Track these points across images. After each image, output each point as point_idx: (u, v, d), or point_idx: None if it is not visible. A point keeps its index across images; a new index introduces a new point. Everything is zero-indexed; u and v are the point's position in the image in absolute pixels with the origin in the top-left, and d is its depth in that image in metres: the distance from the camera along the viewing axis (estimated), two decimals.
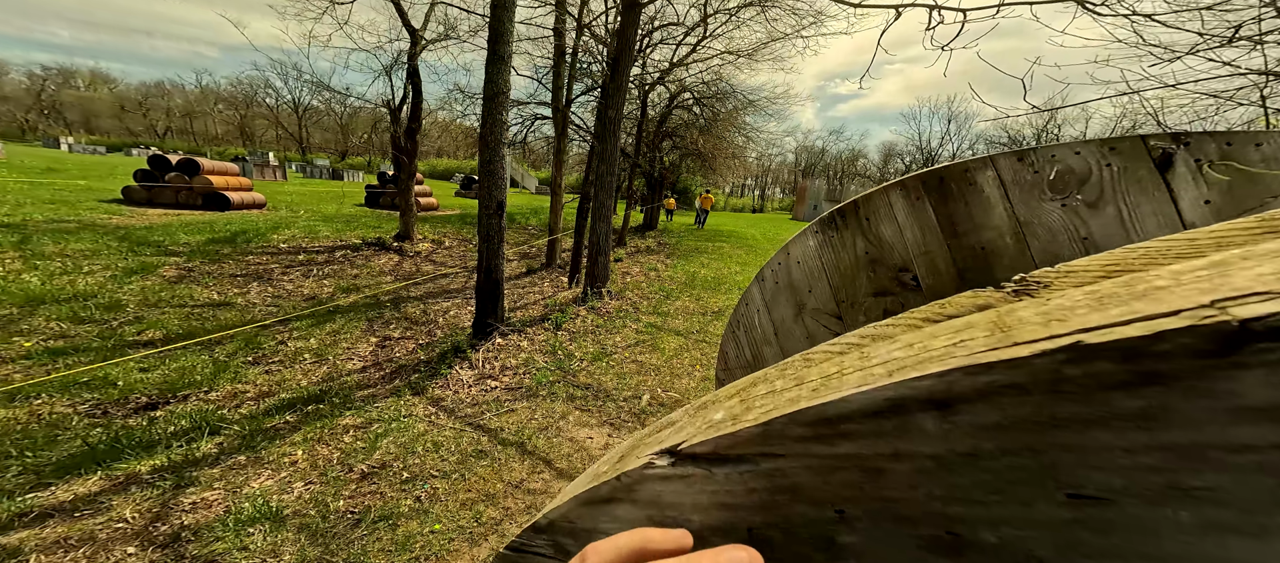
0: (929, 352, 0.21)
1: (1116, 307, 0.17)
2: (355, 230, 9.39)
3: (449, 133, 29.54)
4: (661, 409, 3.79)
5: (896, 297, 0.74)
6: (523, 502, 2.57)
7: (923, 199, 0.70)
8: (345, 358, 4.35)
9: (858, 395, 0.21)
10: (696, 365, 4.73)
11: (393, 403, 3.58)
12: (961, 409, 0.19)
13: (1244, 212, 0.54)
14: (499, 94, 4.33)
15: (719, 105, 10.86)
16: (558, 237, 8.55)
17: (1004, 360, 0.17)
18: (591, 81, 8.85)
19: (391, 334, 5.01)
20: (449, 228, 11.00)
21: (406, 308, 5.77)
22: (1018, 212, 0.64)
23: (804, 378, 0.27)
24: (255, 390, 3.61)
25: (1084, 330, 0.16)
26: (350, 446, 2.99)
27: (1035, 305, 0.21)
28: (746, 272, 9.55)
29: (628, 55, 5.68)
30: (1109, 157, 0.59)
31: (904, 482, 0.22)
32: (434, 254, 8.68)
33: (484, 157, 4.48)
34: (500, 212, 4.58)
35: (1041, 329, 0.18)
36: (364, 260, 7.46)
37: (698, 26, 8.18)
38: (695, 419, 0.30)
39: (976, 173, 0.66)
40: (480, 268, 4.73)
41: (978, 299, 0.29)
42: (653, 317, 6.26)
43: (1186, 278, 0.18)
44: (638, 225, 15.15)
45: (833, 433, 0.22)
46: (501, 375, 4.28)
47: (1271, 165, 0.51)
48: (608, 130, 5.92)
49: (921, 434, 0.20)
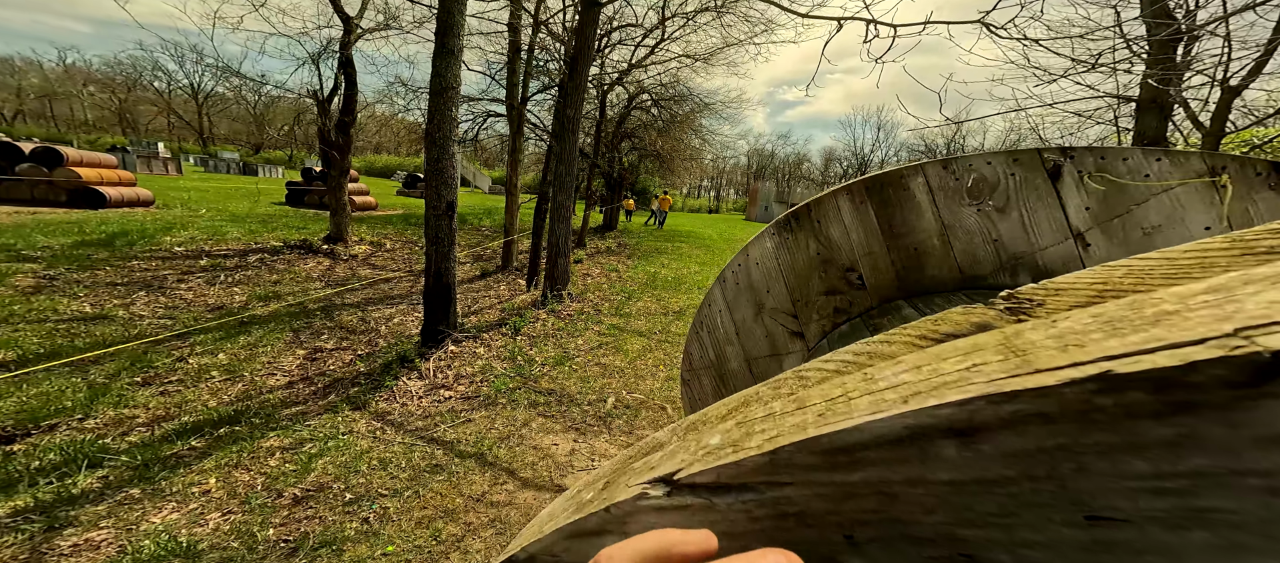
0: (942, 376, 0.21)
1: (1134, 333, 0.17)
2: (274, 231, 8.33)
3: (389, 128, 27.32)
4: (627, 411, 3.78)
5: (845, 295, 0.79)
6: (485, 515, 2.41)
7: (865, 203, 0.75)
8: (265, 373, 3.83)
9: (873, 423, 0.21)
10: (660, 366, 4.78)
11: (328, 420, 3.20)
12: (984, 437, 0.19)
13: (1114, 217, 0.63)
14: (448, 89, 4.08)
15: (677, 107, 11.16)
16: (514, 238, 8.22)
17: (1030, 389, 0.17)
18: (548, 80, 8.67)
19: (323, 345, 4.50)
20: (391, 229, 10.14)
21: (341, 316, 5.21)
22: (943, 216, 0.71)
23: (805, 400, 0.26)
24: (148, 415, 3.05)
25: (1109, 358, 0.16)
26: (277, 469, 2.62)
27: (1043, 328, 0.21)
28: (705, 271, 9.85)
29: (586, 55, 5.63)
30: (1013, 167, 0.67)
31: (918, 506, 0.22)
32: (373, 257, 7.95)
33: (431, 154, 4.19)
34: (450, 212, 4.31)
35: (1060, 355, 0.18)
36: (286, 265, 6.63)
37: (656, 29, 8.34)
38: (687, 443, 0.29)
39: (910, 179, 0.72)
40: (429, 272, 4.41)
41: (972, 317, 0.28)
42: (615, 318, 6.23)
43: (1194, 303, 0.18)
44: (597, 226, 15.05)
45: (847, 461, 0.22)
46: (456, 385, 4.01)
47: (1135, 178, 0.61)
48: (566, 129, 5.82)
49: (940, 461, 0.20)
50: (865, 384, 0.24)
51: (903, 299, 0.76)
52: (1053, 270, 0.68)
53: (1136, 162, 0.61)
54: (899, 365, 0.24)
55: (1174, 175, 0.59)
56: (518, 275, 7.97)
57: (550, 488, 2.71)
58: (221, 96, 43.77)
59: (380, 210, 13.62)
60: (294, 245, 7.46)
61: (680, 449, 0.29)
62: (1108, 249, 0.64)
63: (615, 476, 0.32)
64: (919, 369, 0.23)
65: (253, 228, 8.42)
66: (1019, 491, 0.19)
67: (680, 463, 0.27)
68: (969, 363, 0.21)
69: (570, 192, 6.11)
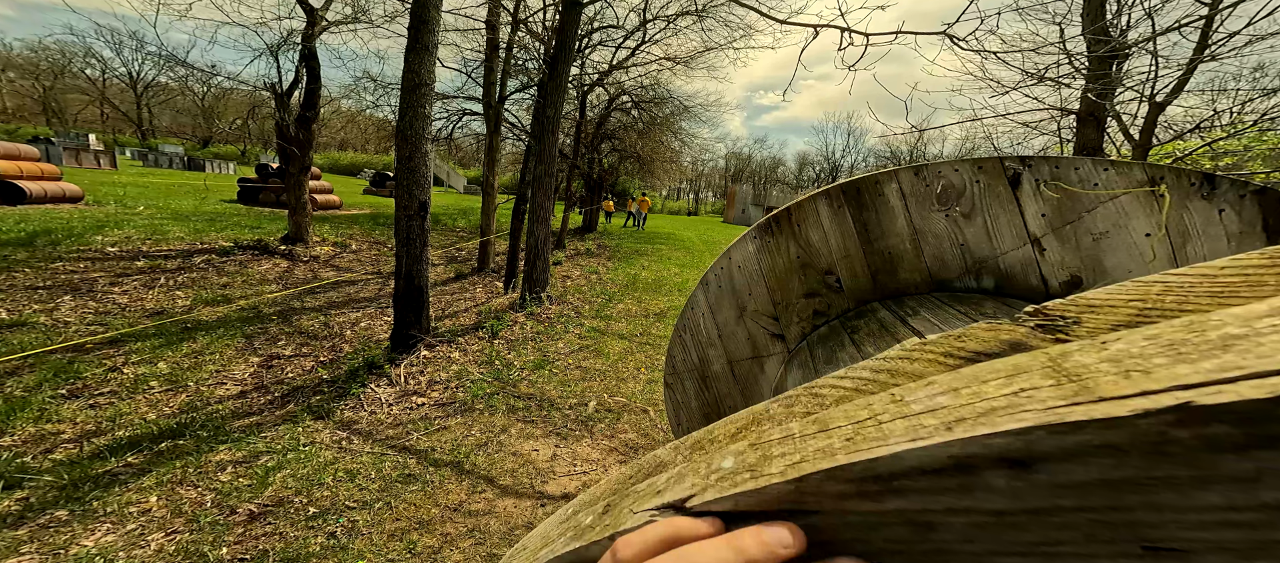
0: (986, 401, 0.20)
1: (1204, 359, 0.16)
2: (224, 231, 7.76)
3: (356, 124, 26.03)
4: (609, 415, 3.73)
5: (824, 297, 0.81)
6: (463, 525, 2.31)
7: (843, 207, 0.76)
8: (213, 383, 3.54)
9: (914, 452, 0.19)
10: (642, 368, 4.77)
11: (287, 431, 2.99)
12: (1040, 468, 0.18)
13: (1067, 223, 0.66)
14: (421, 86, 3.94)
15: (657, 110, 11.24)
16: (491, 239, 8.01)
17: (1097, 420, 0.16)
18: (527, 79, 8.53)
19: (280, 352, 4.21)
20: (357, 229, 9.65)
21: (301, 321, 4.90)
22: (915, 220, 0.73)
23: (827, 422, 0.25)
24: (75, 430, 2.74)
25: (1185, 388, 0.15)
26: (229, 484, 2.42)
27: (1092, 350, 0.20)
28: (685, 274, 9.94)
29: (567, 55, 5.58)
30: (978, 174, 0.70)
31: (958, 536, 0.21)
32: (337, 259, 7.54)
33: (403, 152, 4.03)
34: (423, 213, 4.15)
35: (1125, 382, 0.17)
36: (237, 267, 6.18)
37: (637, 31, 8.39)
38: (695, 465, 0.27)
39: (884, 184, 0.74)
40: (399, 274, 4.22)
41: (1000, 334, 0.27)
42: (596, 321, 6.17)
43: (1262, 326, 0.17)
44: (576, 227, 14.91)
45: (880, 490, 0.21)
46: (429, 391, 3.85)
47: (1086, 186, 0.64)
48: (546, 130, 5.74)
49: (987, 492, 0.19)
50: (896, 407, 0.23)
51: (877, 302, 0.78)
52: (1012, 273, 0.70)
53: (1087, 171, 0.65)
54: (932, 387, 0.23)
55: (1119, 184, 0.63)
56: (495, 277, 7.77)
57: (531, 495, 2.63)
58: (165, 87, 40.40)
59: (345, 209, 12.96)
60: (247, 246, 6.95)
61: (688, 472, 0.27)
62: (1061, 254, 0.67)
63: (615, 498, 0.30)
64: (957, 392, 0.22)
65: (199, 227, 7.80)
66: (1071, 521, 0.18)
67: (691, 488, 0.25)
68: (1015, 387, 0.20)
69: (549, 192, 6.02)
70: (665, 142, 12.58)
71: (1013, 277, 0.70)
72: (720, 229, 24.35)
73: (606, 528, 0.26)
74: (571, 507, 0.34)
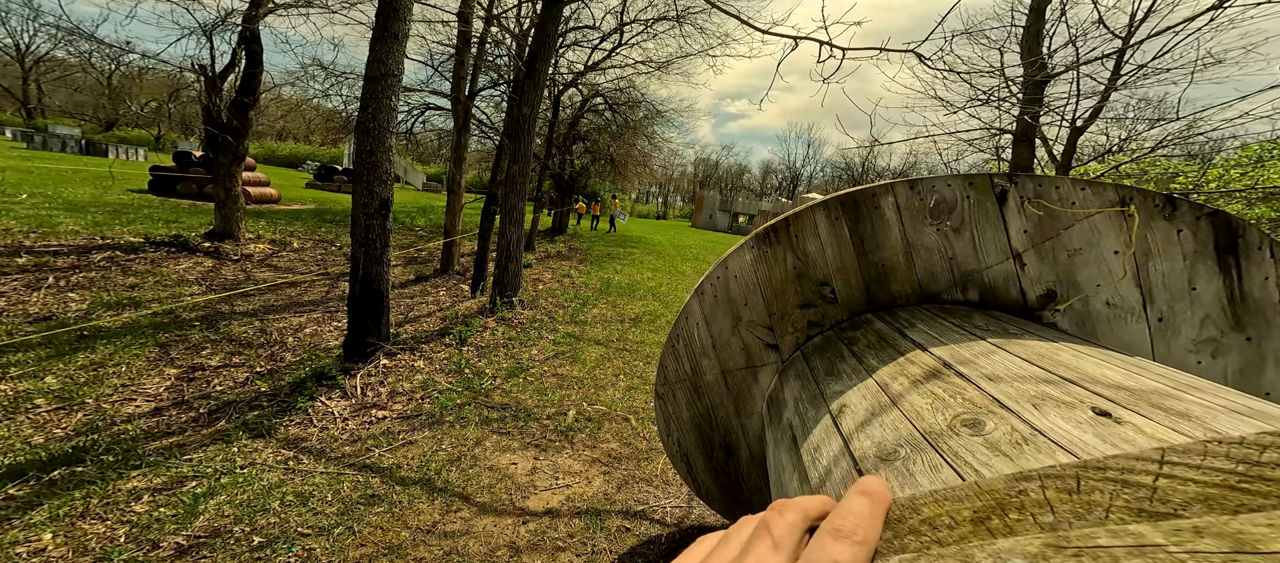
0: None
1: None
2: (131, 224, 6.79)
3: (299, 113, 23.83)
4: (589, 423, 3.61)
5: (818, 308, 0.82)
6: (438, 549, 2.10)
7: (841, 219, 0.76)
8: (120, 399, 3.03)
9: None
10: (620, 374, 4.68)
11: (218, 451, 2.60)
12: None
13: (1046, 240, 0.68)
14: (388, 76, 3.67)
15: (631, 113, 11.27)
16: (457, 239, 7.59)
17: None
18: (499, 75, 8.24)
19: (206, 362, 3.70)
20: (299, 226, 8.81)
21: (230, 327, 4.35)
22: (909, 234, 0.74)
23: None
24: None
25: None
26: (147, 515, 2.05)
27: None
28: (658, 277, 9.97)
29: (546, 53, 5.43)
30: (968, 190, 0.72)
31: None
32: (275, 258, 6.81)
33: (364, 146, 3.71)
34: (385, 211, 3.84)
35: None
36: (148, 265, 5.41)
37: (614, 33, 8.36)
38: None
39: (881, 198, 0.75)
40: (356, 277, 3.86)
41: None
42: (570, 326, 6.01)
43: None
44: (546, 229, 14.55)
45: None
46: (392, 403, 3.53)
47: (1064, 205, 0.68)
48: (521, 128, 5.54)
49: None
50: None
51: (871, 313, 0.79)
52: (995, 286, 0.71)
53: (1066, 190, 0.68)
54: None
55: (1094, 204, 0.66)
56: (460, 280, 7.35)
57: (512, 512, 2.46)
58: (62, 62, 34.83)
59: (284, 204, 11.79)
60: (161, 242, 6.11)
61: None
62: (1040, 269, 0.69)
63: None
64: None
65: (99, 219, 6.77)
66: None
67: None
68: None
69: (523, 193, 5.81)
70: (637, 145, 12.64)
71: (995, 290, 0.71)
72: (689, 233, 24.80)
73: None
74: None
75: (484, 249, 6.77)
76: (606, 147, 11.69)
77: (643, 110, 11.54)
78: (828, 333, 0.79)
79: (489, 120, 8.43)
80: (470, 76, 7.23)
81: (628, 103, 11.01)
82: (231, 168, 6.51)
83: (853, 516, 0.23)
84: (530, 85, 5.47)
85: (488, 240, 6.70)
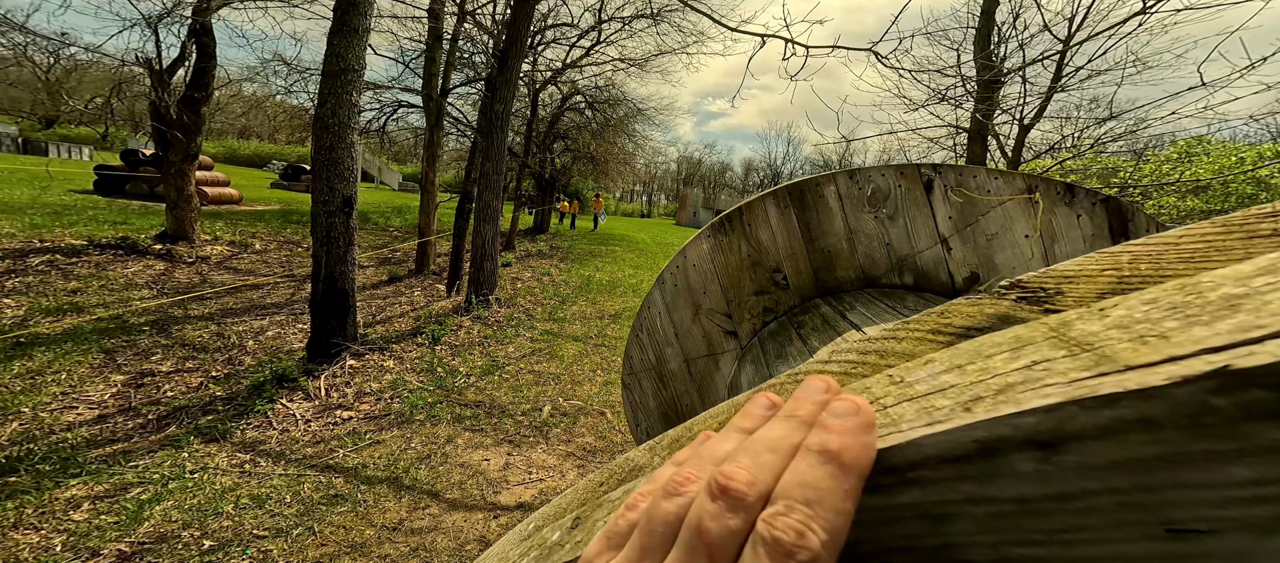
0: (999, 377, 0.18)
1: (1219, 321, 0.15)
2: (73, 226, 6.39)
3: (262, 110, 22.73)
4: (565, 418, 3.61)
5: (772, 294, 0.85)
6: (405, 545, 2.07)
7: (789, 207, 0.81)
8: (59, 408, 2.86)
9: (933, 438, 0.18)
10: (598, 370, 4.69)
11: (166, 457, 2.48)
12: (1070, 449, 0.16)
13: (968, 225, 0.75)
14: (347, 71, 3.57)
15: (611, 111, 11.26)
16: (432, 239, 7.42)
17: (1132, 391, 0.15)
18: (474, 72, 8.10)
19: (155, 368, 3.52)
20: (263, 227, 8.45)
21: (183, 331, 4.15)
22: (850, 221, 0.80)
23: None
24: None
25: (1212, 351, 0.14)
26: (86, 523, 1.94)
27: (1095, 318, 0.19)
28: (639, 274, 10.00)
29: (518, 49, 5.38)
30: (900, 179, 0.78)
31: (976, 526, 0.19)
32: (235, 260, 6.52)
33: (323, 142, 3.60)
34: (348, 209, 3.73)
35: (1145, 349, 0.16)
36: (92, 269, 5.10)
37: (592, 31, 8.34)
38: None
39: (824, 186, 0.80)
40: (318, 278, 3.74)
41: (984, 307, 0.26)
42: (549, 323, 5.97)
43: (1259, 285, 0.16)
44: (527, 228, 14.38)
45: (895, 483, 0.19)
46: (358, 404, 3.44)
47: (981, 193, 0.75)
48: (495, 126, 5.47)
49: (1013, 477, 0.17)
50: (898, 389, 0.21)
51: (819, 297, 0.83)
52: (927, 270, 0.78)
53: (982, 180, 0.75)
54: (933, 365, 0.22)
55: (1005, 191, 0.73)
56: (436, 280, 7.20)
57: (483, 507, 2.44)
58: None
59: (247, 205, 11.26)
60: (107, 244, 5.76)
61: None
62: (963, 253, 0.75)
63: (586, 509, 0.27)
64: (962, 369, 0.20)
65: (37, 221, 6.33)
66: (1096, 504, 0.17)
67: None
68: (1025, 361, 0.18)
69: (498, 191, 5.74)
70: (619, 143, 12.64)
71: (927, 273, 0.77)
72: (673, 231, 24.95)
73: (578, 545, 0.23)
74: (533, 521, 0.30)
75: (459, 248, 6.65)
76: (587, 145, 11.63)
77: (623, 108, 11.55)
78: (781, 319, 0.82)
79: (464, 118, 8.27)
80: (443, 74, 7.09)
81: (608, 101, 11.00)
82: (183, 166, 6.18)
83: None
84: (503, 82, 5.41)
85: (463, 239, 6.59)
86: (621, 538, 0.20)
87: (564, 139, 12.00)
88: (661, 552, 0.18)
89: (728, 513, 0.18)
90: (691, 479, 0.20)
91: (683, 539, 0.18)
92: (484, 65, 7.90)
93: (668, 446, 0.29)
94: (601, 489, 0.29)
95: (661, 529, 0.19)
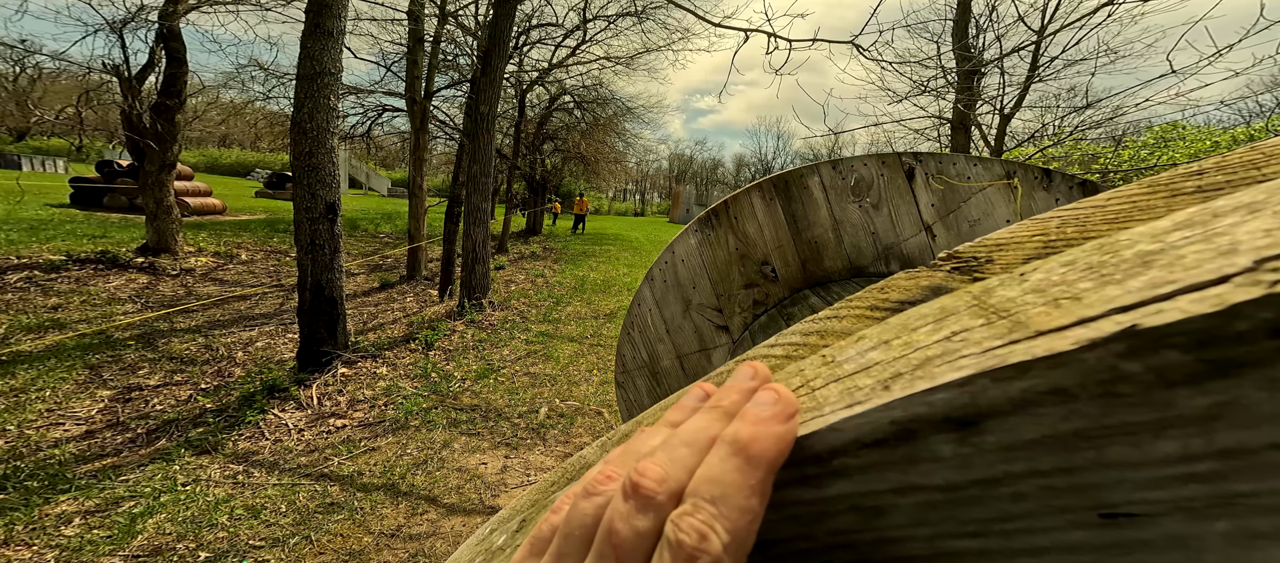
0: (920, 350, 0.18)
1: (1131, 278, 0.14)
2: (51, 240, 6.24)
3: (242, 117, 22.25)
4: (562, 420, 3.62)
5: (761, 287, 0.86)
6: (403, 551, 2.08)
7: (774, 200, 0.82)
8: (44, 424, 2.81)
9: (852, 421, 0.17)
10: (594, 370, 4.70)
11: (157, 471, 2.46)
12: (989, 427, 0.15)
13: (950, 212, 0.76)
14: (323, 74, 3.53)
15: (600, 110, 11.22)
16: (422, 244, 7.36)
17: (1040, 358, 0.14)
18: (459, 74, 8.02)
19: (143, 382, 3.47)
20: (248, 237, 8.31)
21: (171, 345, 4.09)
22: (835, 211, 0.80)
23: None
24: None
25: (1121, 311, 0.13)
26: (78, 538, 1.93)
27: (1013, 283, 0.18)
28: (634, 273, 10.01)
29: (501, 50, 5.35)
30: (882, 168, 0.79)
31: (908, 519, 0.18)
32: (221, 271, 6.42)
33: (302, 147, 3.56)
34: (331, 215, 3.69)
35: (1056, 312, 0.15)
36: (73, 285, 4.99)
37: (577, 30, 8.30)
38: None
39: (808, 178, 0.81)
40: (304, 286, 3.71)
41: (919, 280, 0.26)
42: (544, 325, 5.96)
43: (1174, 240, 0.15)
44: (519, 230, 14.30)
45: (821, 473, 0.18)
46: (351, 411, 3.42)
47: (962, 180, 0.77)
48: (480, 127, 5.43)
49: (934, 462, 0.16)
50: (828, 369, 0.21)
51: (808, 289, 0.84)
52: (913, 258, 0.78)
53: (962, 167, 0.77)
54: (863, 342, 0.21)
55: (985, 178, 0.75)
56: (428, 285, 7.15)
57: (481, 511, 2.45)
58: None
59: (231, 215, 11.06)
60: (86, 259, 5.63)
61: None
62: (947, 239, 0.76)
63: (533, 511, 0.27)
64: (889, 344, 0.19)
65: (13, 237, 6.17)
66: (1023, 490, 0.16)
67: None
68: (946, 331, 0.18)
69: (486, 193, 5.71)
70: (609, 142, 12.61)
71: (912, 261, 0.78)
72: (666, 229, 24.97)
73: (518, 547, 0.23)
74: (490, 524, 0.30)
75: (450, 252, 6.61)
76: (577, 145, 11.59)
77: (612, 107, 11.53)
78: (771, 311, 0.83)
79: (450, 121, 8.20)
80: (426, 76, 7.01)
81: (596, 100, 10.97)
82: (161, 177, 6.05)
83: None
84: (486, 83, 5.37)
85: (453, 243, 6.55)
86: (544, 543, 0.19)
87: (553, 140, 11.95)
88: (578, 556, 0.17)
89: (637, 514, 0.17)
90: (612, 477, 0.19)
91: (596, 543, 0.17)
92: (468, 67, 7.83)
93: (618, 441, 0.28)
94: (552, 489, 0.28)
95: (579, 532, 0.18)
